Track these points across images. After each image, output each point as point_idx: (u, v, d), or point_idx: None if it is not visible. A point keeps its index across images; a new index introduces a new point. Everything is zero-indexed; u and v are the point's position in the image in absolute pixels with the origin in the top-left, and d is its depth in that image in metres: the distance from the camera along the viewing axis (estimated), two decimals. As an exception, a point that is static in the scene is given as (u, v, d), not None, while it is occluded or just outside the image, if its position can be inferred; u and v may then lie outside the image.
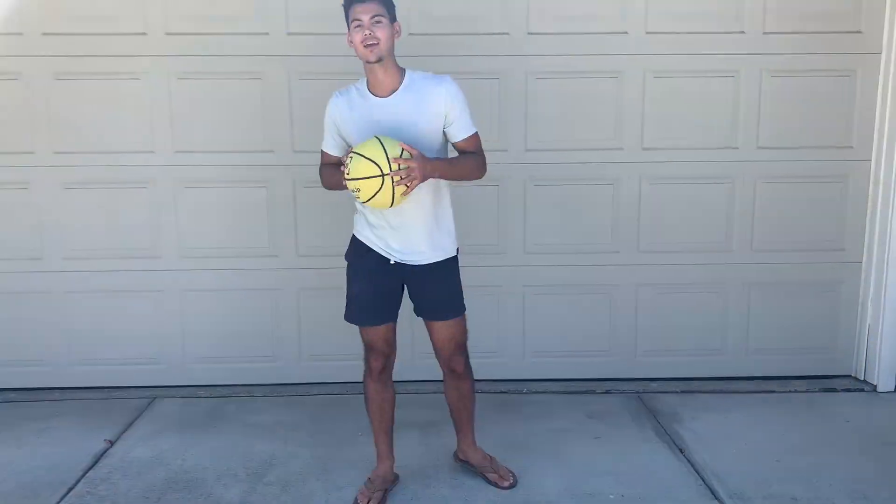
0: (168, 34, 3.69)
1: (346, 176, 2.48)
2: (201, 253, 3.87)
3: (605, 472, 3.07)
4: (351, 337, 3.99)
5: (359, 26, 2.52)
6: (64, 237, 3.83)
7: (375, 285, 2.75)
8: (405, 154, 2.47)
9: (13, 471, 3.13)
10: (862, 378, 4.01)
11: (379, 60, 2.54)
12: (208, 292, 3.90)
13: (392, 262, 2.71)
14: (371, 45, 2.51)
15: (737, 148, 3.87)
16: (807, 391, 3.91)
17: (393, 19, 2.59)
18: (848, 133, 3.88)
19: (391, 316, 2.80)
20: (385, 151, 2.44)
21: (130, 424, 3.54)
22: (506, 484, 2.95)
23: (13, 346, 3.90)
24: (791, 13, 3.76)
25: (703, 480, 3.01)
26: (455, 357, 2.85)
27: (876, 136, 3.86)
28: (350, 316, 2.82)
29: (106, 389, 3.92)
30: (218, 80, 3.74)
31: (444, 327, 2.80)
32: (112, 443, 3.35)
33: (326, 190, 2.84)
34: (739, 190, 3.90)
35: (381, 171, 2.43)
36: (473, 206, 3.78)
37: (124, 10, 3.66)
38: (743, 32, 3.77)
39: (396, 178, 2.43)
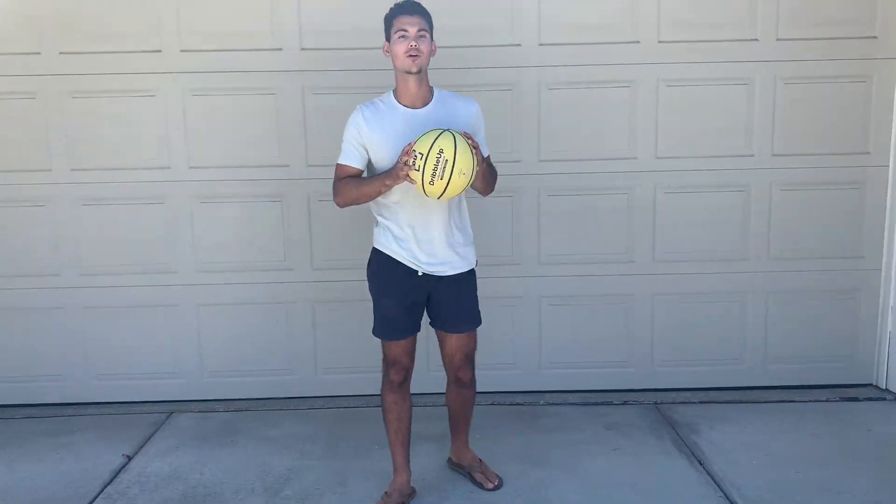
0: (183, 51, 3.72)
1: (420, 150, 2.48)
2: (217, 267, 3.89)
3: (624, 485, 3.04)
4: (365, 349, 3.98)
5: (404, 37, 2.60)
6: (81, 253, 3.86)
7: (404, 299, 2.78)
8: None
9: (31, 486, 3.14)
10: (884, 387, 3.95)
11: (418, 72, 2.62)
12: (224, 306, 3.92)
13: (420, 273, 2.74)
14: (414, 55, 2.59)
15: (752, 155, 3.85)
16: (827, 400, 3.86)
17: (432, 38, 2.69)
18: (864, 139, 3.84)
19: (416, 328, 2.85)
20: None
21: (148, 439, 3.55)
22: (490, 486, 3.02)
23: (31, 361, 3.93)
24: (805, 19, 3.74)
25: (723, 492, 2.97)
26: (464, 368, 2.93)
27: (893, 141, 3.82)
28: (380, 332, 2.84)
29: (123, 404, 3.94)
30: (232, 96, 3.77)
31: (459, 338, 2.86)
32: (130, 458, 3.37)
33: (340, 207, 2.82)
34: (755, 198, 3.87)
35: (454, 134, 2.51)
36: (488, 217, 3.77)
37: (140, 28, 3.70)
38: (756, 40, 3.75)
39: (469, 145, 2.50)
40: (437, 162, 2.44)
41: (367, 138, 2.69)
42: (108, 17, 3.69)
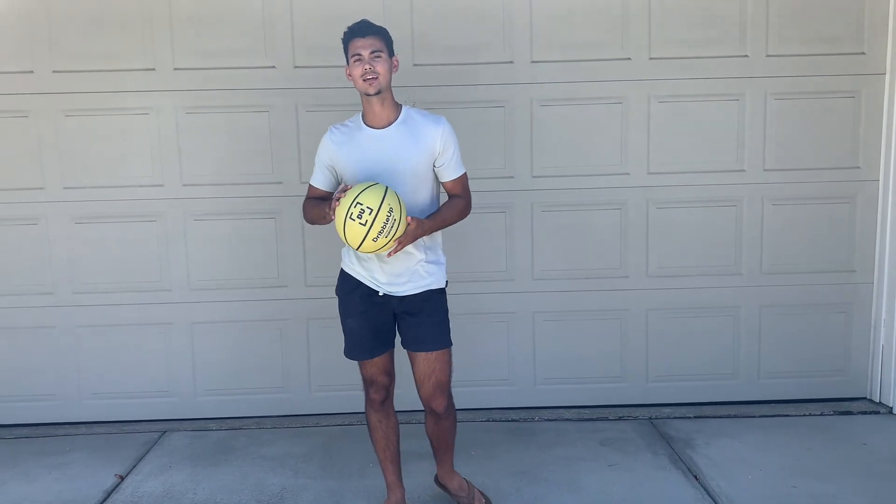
0: (176, 69, 3.73)
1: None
2: (210, 285, 3.88)
3: (619, 501, 3.04)
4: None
5: (358, 60, 2.57)
6: (74, 271, 3.85)
7: (367, 318, 2.74)
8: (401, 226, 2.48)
9: (24, 507, 3.12)
10: (878, 400, 3.96)
11: (378, 93, 2.59)
12: (218, 324, 3.91)
13: (380, 293, 2.71)
14: (370, 78, 2.56)
15: (743, 170, 3.87)
16: (822, 414, 3.87)
17: (391, 54, 2.64)
18: (854, 154, 3.88)
19: (385, 347, 2.78)
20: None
21: (141, 458, 3.53)
22: None
23: (24, 381, 3.90)
24: (794, 36, 3.78)
25: (720, 507, 2.97)
26: (436, 397, 2.76)
27: (883, 156, 3.86)
28: (348, 351, 2.81)
29: (116, 423, 3.91)
30: (226, 114, 3.78)
31: (425, 360, 2.73)
32: (123, 477, 3.34)
33: (307, 223, 2.82)
34: (747, 212, 3.90)
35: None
36: (481, 233, 3.78)
37: (133, 46, 3.71)
38: (746, 56, 3.79)
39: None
40: (387, 221, 2.42)
41: (334, 159, 2.70)
42: (102, 35, 3.70)
